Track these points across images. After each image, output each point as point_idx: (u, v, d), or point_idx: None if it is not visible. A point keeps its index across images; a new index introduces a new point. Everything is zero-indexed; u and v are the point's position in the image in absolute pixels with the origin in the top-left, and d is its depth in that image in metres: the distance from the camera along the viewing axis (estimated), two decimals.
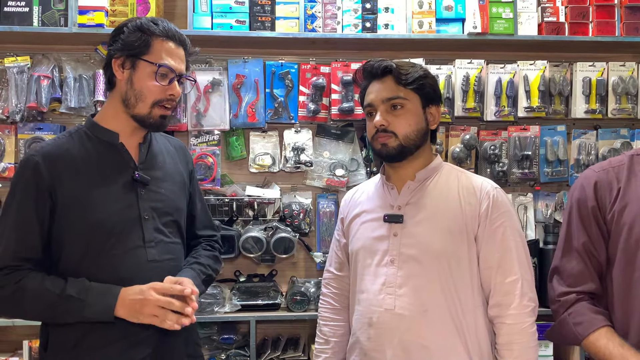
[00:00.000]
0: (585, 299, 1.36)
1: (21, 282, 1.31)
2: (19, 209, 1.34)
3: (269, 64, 2.35)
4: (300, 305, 2.20)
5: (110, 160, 1.41)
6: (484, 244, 1.41)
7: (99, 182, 1.37)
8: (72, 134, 1.44)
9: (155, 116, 1.41)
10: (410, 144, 1.44)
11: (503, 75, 2.36)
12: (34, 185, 1.33)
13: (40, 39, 2.27)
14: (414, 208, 1.44)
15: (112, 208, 1.37)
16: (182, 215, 1.51)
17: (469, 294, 1.40)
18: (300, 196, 2.38)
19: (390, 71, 1.45)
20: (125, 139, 1.44)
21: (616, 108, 2.39)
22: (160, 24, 1.41)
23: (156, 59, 1.39)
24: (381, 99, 1.45)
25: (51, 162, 1.35)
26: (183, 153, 1.60)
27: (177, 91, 1.42)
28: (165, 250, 1.43)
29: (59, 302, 1.30)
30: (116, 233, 1.36)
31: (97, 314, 1.30)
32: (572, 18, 2.35)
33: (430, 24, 2.30)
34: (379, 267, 1.43)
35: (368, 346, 1.43)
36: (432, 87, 1.49)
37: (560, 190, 2.44)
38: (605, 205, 1.35)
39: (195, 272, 1.47)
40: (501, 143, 2.37)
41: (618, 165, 1.38)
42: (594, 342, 1.31)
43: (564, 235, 1.42)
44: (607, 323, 1.33)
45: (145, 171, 1.43)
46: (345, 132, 2.38)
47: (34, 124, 2.28)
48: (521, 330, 1.37)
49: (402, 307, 1.38)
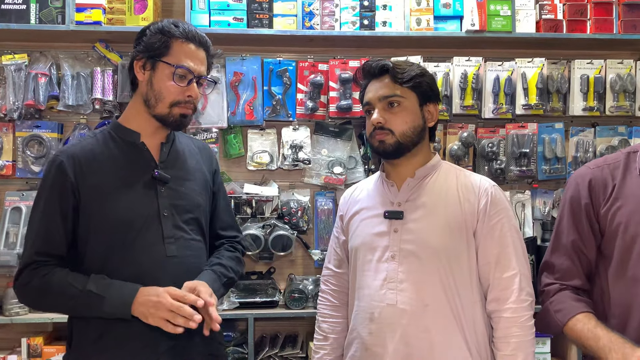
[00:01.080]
0: (568, 289, 1.38)
1: (46, 277, 1.36)
2: (45, 207, 1.39)
3: (267, 62, 2.34)
4: (299, 303, 2.21)
5: (131, 159, 1.44)
6: (483, 240, 1.44)
7: (121, 180, 1.41)
8: (96, 134, 1.49)
9: (176, 115, 1.43)
10: (407, 141, 1.46)
11: (501, 73, 2.36)
12: (58, 184, 1.39)
13: (37, 36, 2.27)
14: (414, 205, 1.46)
15: (132, 205, 1.40)
16: (203, 213, 1.53)
17: (468, 289, 1.42)
18: (299, 194, 2.38)
19: (387, 70, 1.48)
20: (147, 139, 1.47)
21: (614, 105, 2.39)
22: (180, 26, 1.44)
23: (175, 61, 1.41)
24: (378, 97, 1.47)
25: (75, 162, 1.40)
26: (207, 153, 1.62)
27: (195, 92, 1.44)
28: (185, 247, 1.45)
29: (81, 296, 1.34)
30: (136, 229, 1.39)
31: (115, 309, 1.33)
32: (570, 15, 2.35)
33: (428, 22, 2.30)
34: (379, 262, 1.45)
35: (369, 341, 1.44)
36: (429, 86, 1.51)
37: (558, 187, 2.44)
38: (599, 202, 1.35)
39: (216, 274, 1.48)
40: (499, 140, 2.37)
41: (613, 163, 1.38)
42: (572, 327, 1.32)
43: (555, 231, 1.44)
44: (587, 309, 1.33)
45: (166, 170, 1.46)
46: (343, 129, 2.38)
47: (31, 122, 2.28)
48: (519, 324, 1.39)
49: (403, 302, 1.40)
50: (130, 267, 1.38)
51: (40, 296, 1.38)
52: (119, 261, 1.38)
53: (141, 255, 1.39)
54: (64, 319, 2.08)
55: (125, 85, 2.28)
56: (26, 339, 2.14)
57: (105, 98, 2.28)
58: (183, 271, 1.41)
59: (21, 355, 2.13)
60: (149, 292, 1.33)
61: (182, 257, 1.43)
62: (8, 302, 2.13)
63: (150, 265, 1.39)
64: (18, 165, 2.28)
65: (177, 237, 1.43)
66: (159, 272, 1.38)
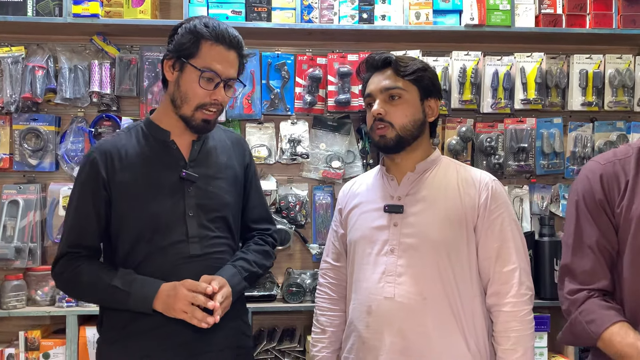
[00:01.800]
0: (595, 296, 1.30)
1: (78, 269, 1.42)
2: (78, 201, 1.45)
3: (265, 55, 2.33)
4: (296, 297, 2.21)
5: (161, 158, 1.47)
6: (483, 235, 1.44)
7: (149, 178, 1.45)
8: (130, 130, 1.52)
9: (197, 119, 1.44)
10: (407, 135, 1.47)
11: (500, 67, 2.36)
12: (91, 179, 1.44)
13: (34, 29, 2.25)
14: (414, 199, 1.47)
15: (159, 204, 1.44)
16: (230, 211, 1.53)
17: (468, 283, 1.43)
18: (297, 188, 2.37)
19: (390, 63, 1.49)
20: (177, 137, 1.49)
21: (613, 101, 2.39)
22: (211, 26, 1.42)
23: (202, 63, 1.41)
24: (380, 89, 1.48)
25: (107, 158, 1.44)
26: (240, 147, 1.62)
27: (222, 96, 1.44)
28: (209, 245, 1.47)
29: (108, 290, 1.40)
30: (161, 227, 1.43)
31: (138, 305, 1.38)
32: (570, 10, 2.34)
33: (427, 15, 2.30)
34: (378, 256, 1.45)
35: (366, 334, 1.45)
36: (430, 80, 1.52)
37: (556, 182, 2.44)
38: (613, 198, 1.30)
39: (237, 269, 1.49)
40: (497, 135, 2.37)
41: (624, 158, 1.32)
42: (608, 340, 1.24)
43: (572, 231, 1.35)
44: (620, 318, 1.25)
45: (195, 168, 1.48)
46: (341, 124, 2.37)
47: (28, 115, 2.27)
48: (518, 318, 1.39)
49: (401, 295, 1.40)
50: (154, 265, 1.43)
51: (73, 287, 1.46)
52: (144, 258, 1.43)
53: (165, 254, 1.43)
54: (61, 312, 2.13)
55: (123, 79, 2.27)
56: (24, 332, 2.14)
57: (102, 91, 2.27)
58: (206, 269, 1.44)
59: (19, 348, 2.13)
60: (168, 287, 1.38)
61: (206, 255, 1.46)
62: (5, 295, 2.13)
63: (174, 263, 1.43)
64: (15, 159, 2.27)
65: (202, 236, 1.46)
66: (182, 270, 1.41)
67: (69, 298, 2.14)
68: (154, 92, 2.29)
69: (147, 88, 2.29)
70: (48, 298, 2.20)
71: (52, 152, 2.28)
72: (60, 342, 2.13)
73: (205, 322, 1.35)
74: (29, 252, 2.20)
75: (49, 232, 2.26)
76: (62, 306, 2.15)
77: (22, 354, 2.13)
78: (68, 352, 2.11)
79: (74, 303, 2.15)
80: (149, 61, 2.29)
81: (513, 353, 1.39)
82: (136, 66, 2.29)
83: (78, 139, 2.30)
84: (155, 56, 2.30)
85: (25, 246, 2.20)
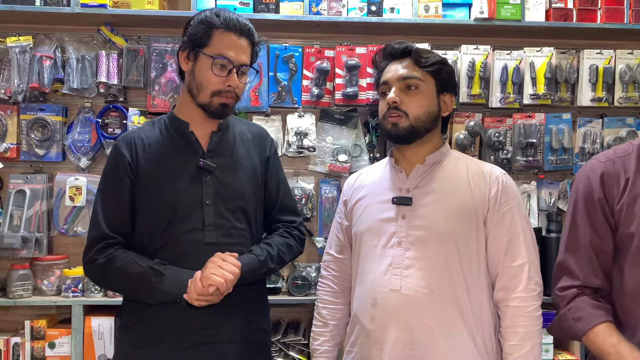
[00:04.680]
0: (586, 294, 1.33)
1: (111, 255, 1.45)
2: (110, 188, 1.50)
3: (273, 47, 2.32)
4: (301, 290, 2.20)
5: (181, 148, 1.51)
6: (493, 229, 1.42)
7: (169, 168, 1.49)
8: (155, 122, 1.57)
9: (215, 104, 1.47)
10: (420, 126, 1.45)
11: (509, 62, 2.34)
12: (117, 166, 1.49)
13: (42, 18, 2.25)
14: (423, 191, 1.45)
15: (178, 192, 1.47)
16: (249, 201, 1.54)
17: (476, 277, 1.41)
18: (303, 181, 2.37)
19: (409, 52, 1.48)
20: (197, 128, 1.52)
21: (623, 96, 2.36)
22: (222, 15, 1.47)
23: (214, 51, 1.45)
24: (397, 78, 1.47)
25: (132, 147, 1.50)
26: (261, 140, 1.64)
27: (235, 82, 1.47)
28: (225, 234, 1.49)
29: (143, 272, 1.42)
30: (179, 214, 1.46)
31: (172, 286, 1.41)
32: (581, 4, 2.32)
33: (436, 9, 2.28)
34: (385, 248, 1.43)
35: (370, 327, 1.43)
36: (448, 74, 1.51)
37: (564, 178, 2.43)
38: (613, 196, 1.31)
39: (255, 255, 1.50)
40: (506, 130, 2.35)
41: (624, 155, 1.34)
42: (593, 338, 1.28)
43: (568, 228, 1.38)
44: (607, 319, 1.29)
45: (214, 159, 1.51)
46: (348, 117, 2.36)
47: (36, 105, 2.27)
48: (526, 314, 1.37)
49: (407, 287, 1.38)
50: (170, 252, 1.45)
51: (106, 273, 1.46)
52: (161, 245, 1.46)
53: (181, 241, 1.46)
54: (67, 302, 2.13)
55: (130, 69, 2.27)
56: (30, 321, 2.15)
57: (110, 82, 2.26)
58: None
59: (24, 337, 2.14)
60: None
61: (222, 244, 1.47)
62: (12, 284, 2.14)
63: (189, 251, 1.45)
64: (22, 148, 2.27)
65: (219, 225, 1.48)
66: (197, 257, 1.43)
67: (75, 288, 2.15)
68: (161, 83, 2.28)
69: (155, 79, 2.28)
70: (54, 288, 2.21)
71: (59, 143, 2.27)
72: (66, 331, 2.13)
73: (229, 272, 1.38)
74: (35, 242, 2.20)
75: (55, 222, 2.26)
76: (68, 296, 2.16)
77: (28, 343, 2.14)
78: (73, 342, 2.11)
79: (80, 293, 2.16)
80: (157, 52, 2.29)
81: (520, 349, 1.36)
82: (143, 57, 2.28)
83: (85, 130, 2.30)
84: (163, 47, 2.29)
85: (32, 236, 2.20)
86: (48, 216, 2.27)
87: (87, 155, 2.28)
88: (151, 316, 1.46)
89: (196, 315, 1.43)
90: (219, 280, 1.37)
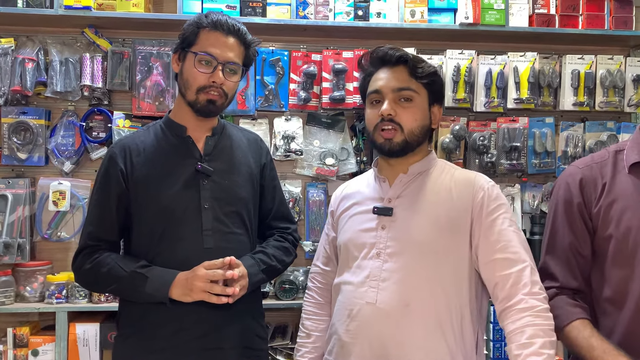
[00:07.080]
0: (564, 294, 1.35)
1: (97, 259, 1.45)
2: (97, 195, 1.50)
3: (260, 51, 2.32)
4: (289, 294, 2.20)
5: (177, 152, 1.50)
6: (483, 238, 1.35)
7: (166, 172, 1.47)
8: (150, 127, 1.56)
9: (202, 101, 1.47)
10: (413, 140, 1.41)
11: (493, 67, 2.37)
12: (110, 174, 1.48)
13: (25, 20, 2.21)
14: (405, 201, 1.41)
15: (175, 196, 1.46)
16: (246, 206, 1.54)
17: (458, 290, 1.34)
18: (290, 185, 2.37)
19: (405, 61, 1.42)
20: (193, 132, 1.52)
21: (603, 101, 2.41)
22: (210, 16, 1.48)
23: (199, 48, 1.46)
24: (392, 88, 1.40)
25: (125, 153, 1.48)
26: (257, 146, 1.64)
27: (219, 78, 1.46)
28: (223, 239, 1.48)
29: (127, 276, 1.41)
30: (177, 219, 1.45)
31: (155, 289, 1.40)
32: (563, 10, 2.36)
33: (422, 13, 2.30)
34: (364, 260, 1.40)
35: (345, 338, 1.39)
36: (440, 86, 1.48)
37: (547, 181, 2.47)
38: (591, 200, 1.35)
39: (255, 260, 1.50)
40: (490, 134, 2.38)
41: (601, 161, 1.38)
42: (567, 333, 1.31)
43: (549, 232, 1.41)
44: (583, 316, 1.31)
45: (210, 163, 1.50)
46: (335, 120, 2.37)
47: (18, 108, 2.23)
48: (534, 312, 1.26)
49: (383, 301, 1.33)
50: (169, 257, 1.44)
51: (93, 277, 1.46)
52: (159, 250, 1.45)
53: (179, 246, 1.45)
54: (51, 308, 2.10)
55: (115, 72, 2.24)
56: (12, 328, 2.11)
57: (94, 85, 2.24)
58: None
59: (7, 345, 2.10)
60: (186, 272, 1.41)
61: (220, 249, 1.46)
62: None
63: (188, 255, 1.44)
64: (4, 152, 2.23)
65: (217, 229, 1.47)
66: (196, 262, 1.41)
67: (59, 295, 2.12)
68: (147, 87, 2.26)
69: (140, 82, 2.26)
70: (37, 294, 2.17)
71: (41, 146, 2.24)
72: (50, 339, 2.10)
73: (224, 294, 1.37)
74: (17, 248, 2.17)
75: (38, 227, 2.22)
76: (52, 302, 2.12)
77: (11, 351, 2.10)
78: (57, 349, 2.08)
79: (64, 299, 2.13)
80: (142, 55, 2.26)
81: (529, 346, 1.22)
82: (128, 60, 2.26)
83: (68, 133, 2.27)
84: (148, 50, 2.27)
85: (14, 242, 2.16)
86: (31, 221, 2.23)
87: (70, 160, 2.25)
88: (149, 325, 1.44)
89: (196, 322, 1.42)
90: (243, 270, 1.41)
